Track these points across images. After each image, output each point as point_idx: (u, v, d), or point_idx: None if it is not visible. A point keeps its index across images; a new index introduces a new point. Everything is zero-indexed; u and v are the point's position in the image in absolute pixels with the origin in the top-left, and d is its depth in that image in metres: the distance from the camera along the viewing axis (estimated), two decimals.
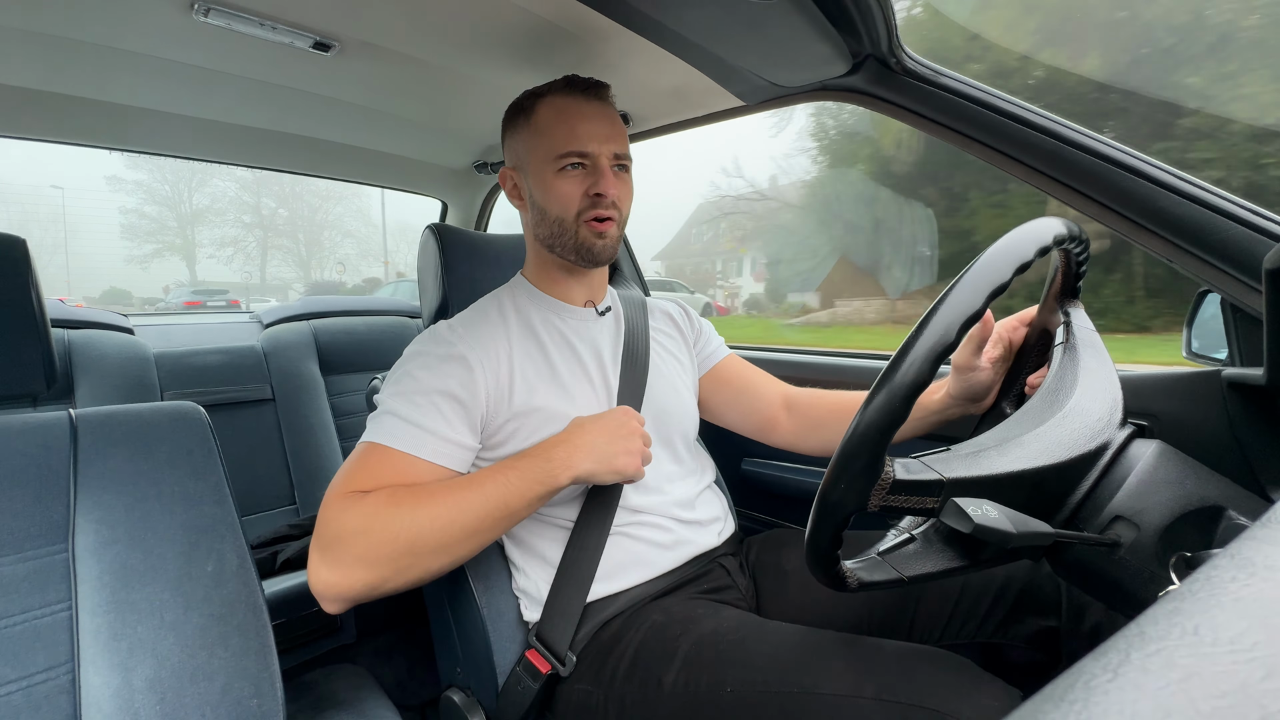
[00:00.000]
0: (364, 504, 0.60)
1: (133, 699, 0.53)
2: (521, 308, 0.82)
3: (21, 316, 0.61)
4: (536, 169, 0.78)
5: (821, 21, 0.73)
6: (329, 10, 0.81)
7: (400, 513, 0.60)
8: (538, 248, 0.83)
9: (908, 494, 0.45)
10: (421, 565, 0.60)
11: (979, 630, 0.71)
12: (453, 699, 0.79)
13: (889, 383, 0.44)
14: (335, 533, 0.59)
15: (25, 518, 0.55)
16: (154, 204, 33.25)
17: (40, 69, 0.94)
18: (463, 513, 0.61)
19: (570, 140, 0.75)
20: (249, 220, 35.30)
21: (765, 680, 0.58)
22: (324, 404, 1.57)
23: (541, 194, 0.78)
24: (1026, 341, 0.70)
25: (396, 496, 0.61)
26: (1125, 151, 0.69)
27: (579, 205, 0.76)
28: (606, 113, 0.79)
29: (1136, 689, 0.13)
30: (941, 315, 0.45)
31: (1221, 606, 0.16)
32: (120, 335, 1.40)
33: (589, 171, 0.76)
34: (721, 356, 0.97)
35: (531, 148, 0.78)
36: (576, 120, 0.76)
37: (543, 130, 0.77)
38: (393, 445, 0.65)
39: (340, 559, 0.58)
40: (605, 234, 0.77)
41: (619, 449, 0.68)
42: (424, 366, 0.70)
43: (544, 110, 0.78)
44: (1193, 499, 0.47)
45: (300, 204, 35.92)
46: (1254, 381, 0.65)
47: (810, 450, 0.90)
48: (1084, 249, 0.58)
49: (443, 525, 0.60)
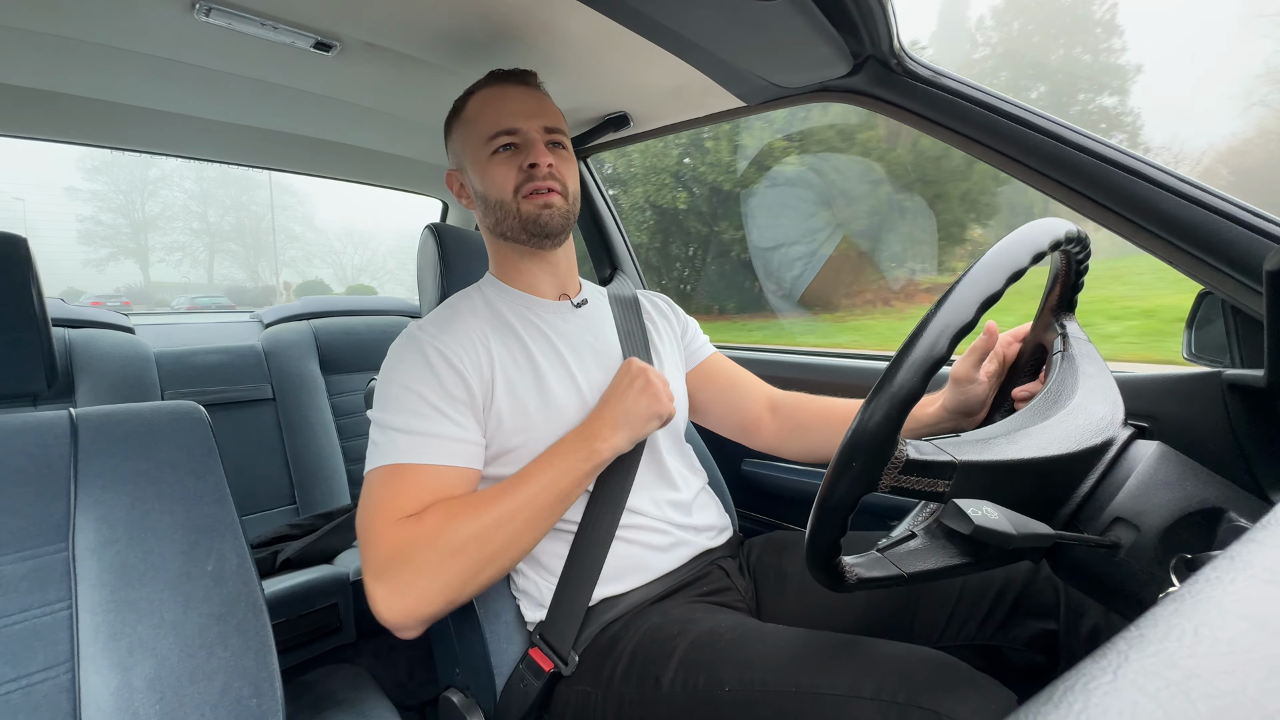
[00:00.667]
0: (423, 525, 0.61)
1: (132, 698, 0.53)
2: (492, 302, 0.81)
3: (22, 315, 0.61)
4: (473, 159, 0.80)
5: (822, 23, 0.73)
6: (330, 10, 0.81)
7: (463, 523, 0.61)
8: (493, 240, 0.85)
9: (919, 474, 0.45)
10: (494, 566, 0.63)
11: (978, 632, 0.71)
12: (452, 699, 0.79)
13: (909, 354, 0.44)
14: (401, 558, 0.60)
15: (25, 517, 0.55)
16: (109, 212, 37.34)
17: (41, 69, 0.94)
18: (521, 507, 0.64)
19: (497, 121, 0.77)
20: (197, 227, 39.87)
21: (763, 680, 0.58)
22: (324, 404, 1.57)
23: (480, 181, 0.79)
24: (1020, 358, 0.70)
25: (452, 509, 0.62)
26: (1125, 153, 0.69)
27: (515, 182, 0.77)
28: (533, 94, 0.81)
29: (1136, 690, 0.13)
30: (960, 294, 0.45)
31: (1221, 608, 0.16)
32: (121, 335, 1.41)
33: (520, 150, 0.78)
34: (707, 354, 0.97)
35: (465, 139, 0.81)
36: (501, 102, 0.78)
37: (472, 120, 0.80)
38: (417, 461, 0.65)
39: (413, 582, 0.59)
40: (549, 204, 0.77)
41: (642, 405, 0.72)
42: (414, 376, 0.69)
43: (473, 103, 0.81)
44: (1193, 501, 0.47)
45: (246, 213, 40.44)
46: (1254, 383, 0.65)
47: (792, 455, 0.89)
48: (1084, 251, 0.58)
49: (506, 522, 0.63)
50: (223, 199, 39.55)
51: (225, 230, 39.96)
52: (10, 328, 0.60)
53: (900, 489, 0.45)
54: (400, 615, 0.60)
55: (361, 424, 1.61)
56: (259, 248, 41.00)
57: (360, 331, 1.70)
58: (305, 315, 1.72)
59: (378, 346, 1.70)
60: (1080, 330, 0.61)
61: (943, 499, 0.46)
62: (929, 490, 0.46)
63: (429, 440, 0.66)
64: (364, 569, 0.61)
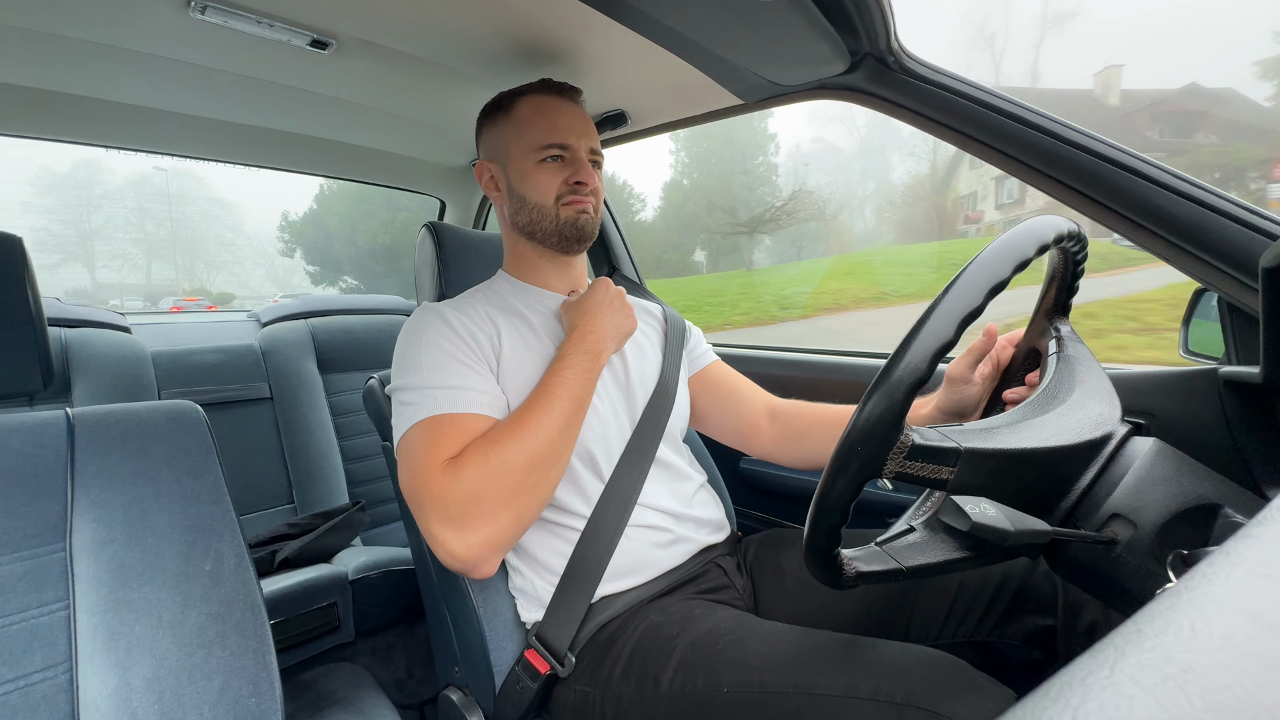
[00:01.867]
0: (469, 460, 0.63)
1: (130, 698, 0.53)
2: (504, 295, 0.85)
3: (18, 315, 0.61)
4: (517, 160, 0.82)
5: (820, 20, 0.73)
6: (326, 8, 0.81)
7: (505, 447, 0.64)
8: (516, 237, 0.87)
9: (924, 460, 0.45)
10: (546, 483, 0.66)
11: (976, 629, 0.71)
12: (451, 698, 0.79)
13: (913, 341, 0.44)
14: (462, 496, 0.62)
15: (22, 517, 0.55)
16: (59, 224, 46.21)
17: (36, 67, 0.94)
18: (552, 419, 0.67)
19: (551, 133, 0.80)
20: (136, 237, 49.02)
21: (761, 681, 0.58)
22: (322, 403, 1.57)
23: (520, 182, 0.82)
24: (1013, 362, 0.71)
25: (489, 438, 0.65)
26: (1122, 150, 0.69)
27: (558, 191, 0.81)
28: (581, 113, 0.85)
29: (1133, 685, 0.13)
30: (967, 279, 0.45)
31: (1218, 603, 0.16)
32: (117, 334, 1.40)
33: (567, 163, 0.81)
34: (709, 361, 0.98)
35: (511, 139, 0.82)
36: (556, 115, 0.82)
37: (523, 124, 0.82)
38: (451, 411, 0.67)
39: (480, 514, 0.62)
40: (586, 209, 0.82)
41: (620, 317, 0.80)
42: (438, 341, 0.73)
43: (524, 106, 0.83)
44: (1189, 497, 0.47)
45: (179, 224, 50.23)
46: (1250, 380, 0.65)
47: (789, 461, 0.90)
48: (1082, 249, 0.58)
49: (544, 436, 0.66)
50: (158, 213, 49.47)
51: (160, 239, 49.43)
52: (6, 327, 0.60)
53: (905, 475, 0.45)
54: (478, 551, 0.61)
55: (360, 422, 1.61)
56: (193, 253, 50.18)
57: (358, 330, 1.69)
58: (302, 314, 1.71)
59: (375, 345, 1.69)
60: (1075, 334, 0.62)
61: (946, 486, 0.47)
62: (933, 477, 0.46)
63: (465, 392, 0.69)
64: (427, 521, 0.62)
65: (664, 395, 0.85)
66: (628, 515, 0.76)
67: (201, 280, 49.09)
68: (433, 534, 0.62)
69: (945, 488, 0.47)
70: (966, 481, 0.47)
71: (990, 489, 0.48)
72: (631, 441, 0.80)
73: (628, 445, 0.79)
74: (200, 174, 52.86)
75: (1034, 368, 0.67)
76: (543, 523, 0.76)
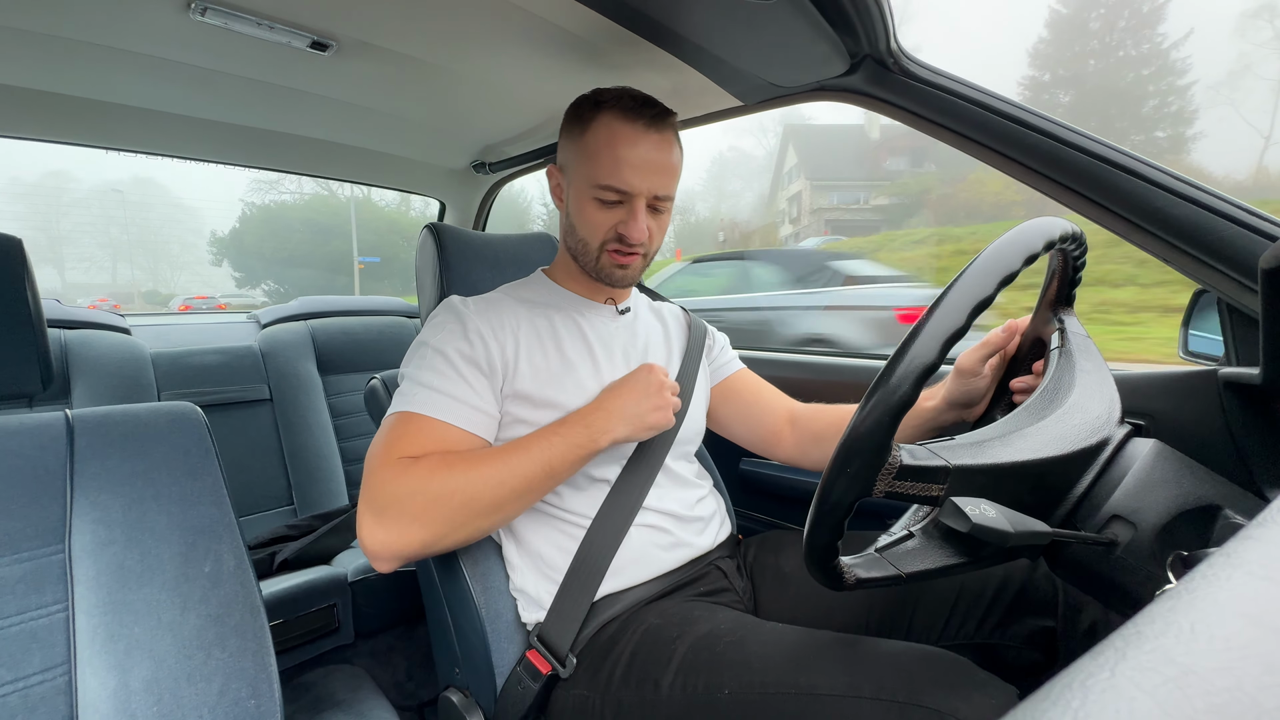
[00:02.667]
0: (418, 468, 0.64)
1: (130, 700, 0.53)
2: (538, 298, 0.83)
3: (17, 316, 0.61)
4: (576, 185, 0.77)
5: (819, 22, 0.73)
6: (327, 10, 0.81)
7: (454, 475, 0.64)
8: (565, 249, 0.85)
9: (913, 479, 0.45)
10: (473, 524, 0.65)
11: (977, 631, 0.71)
12: (451, 699, 0.79)
13: (899, 363, 0.44)
14: (391, 494, 0.63)
15: (21, 518, 0.55)
16: (30, 229, 49.75)
17: (36, 68, 0.94)
18: (512, 475, 0.65)
19: (614, 174, 0.72)
20: (102, 240, 52.46)
21: (763, 682, 0.58)
22: (322, 404, 1.57)
23: (575, 210, 0.78)
24: (1019, 351, 0.70)
25: (448, 460, 0.65)
26: (1121, 152, 0.69)
27: (604, 236, 0.77)
28: (661, 148, 0.74)
29: (1133, 687, 0.13)
30: (952, 299, 0.45)
31: (1218, 605, 0.16)
32: (117, 335, 1.40)
33: (622, 210, 0.75)
34: (734, 369, 0.98)
35: (577, 162, 0.77)
36: (627, 151, 0.72)
37: (590, 152, 0.74)
38: (428, 414, 0.68)
39: (397, 519, 0.62)
40: (627, 266, 0.79)
41: (649, 407, 0.73)
42: (446, 340, 0.73)
43: (598, 129, 0.74)
44: (1189, 498, 0.47)
45: (142, 229, 53.96)
46: (1250, 381, 0.65)
47: (811, 465, 0.89)
48: (1081, 249, 0.58)
49: (494, 486, 0.65)
50: (121, 219, 53.82)
51: (125, 243, 53.42)
52: (5, 328, 0.60)
53: (895, 494, 0.45)
54: (379, 547, 0.63)
55: (359, 424, 1.61)
56: (156, 255, 54.30)
57: (357, 332, 1.69)
58: (302, 316, 1.71)
59: (375, 347, 1.69)
60: (1079, 325, 0.62)
61: (938, 503, 0.46)
62: (923, 495, 0.46)
63: (445, 399, 0.69)
64: (360, 499, 0.65)
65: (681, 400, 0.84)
66: (632, 518, 0.75)
67: (166, 280, 53.17)
68: (359, 513, 0.64)
69: (937, 504, 0.47)
70: (958, 496, 0.47)
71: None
72: (640, 446, 0.79)
73: (636, 449, 0.79)
74: (162, 180, 57.04)
75: (1040, 355, 0.66)
76: (549, 519, 0.76)
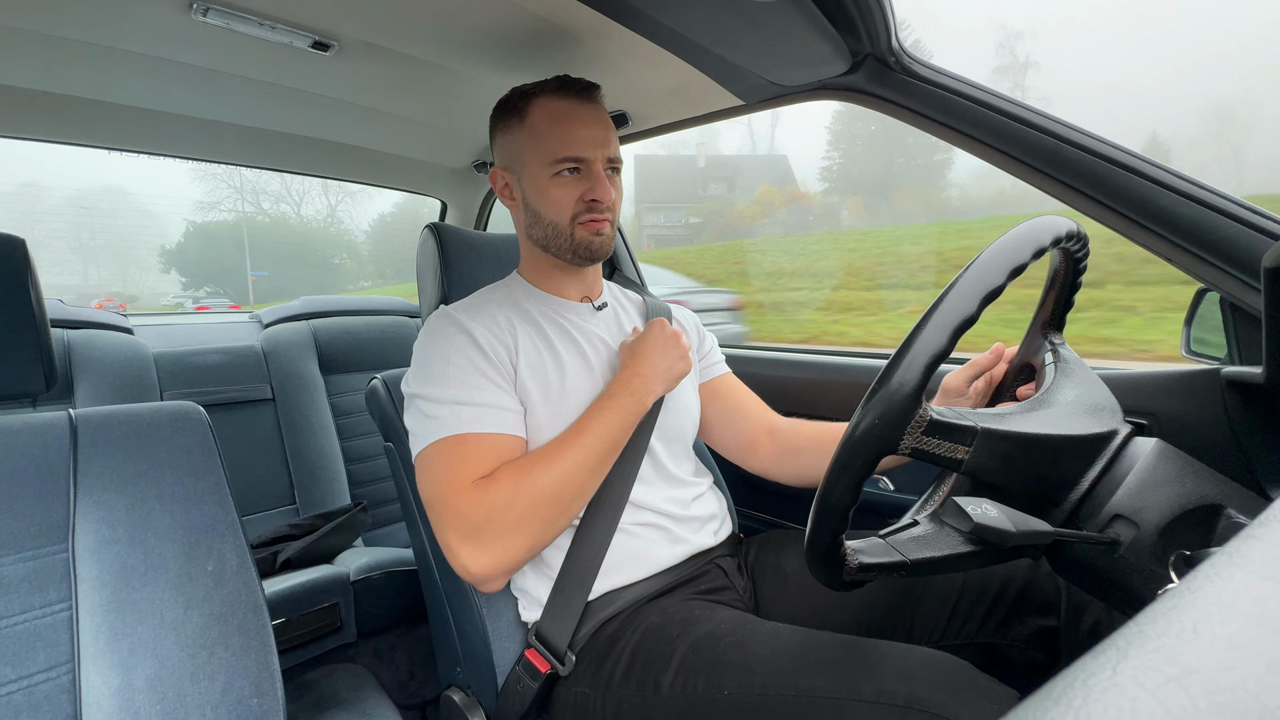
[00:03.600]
0: (498, 483, 0.65)
1: (133, 699, 0.53)
2: (520, 300, 0.83)
3: (21, 316, 0.61)
4: (531, 172, 0.78)
5: (821, 21, 0.73)
6: (328, 10, 0.81)
7: (534, 477, 0.66)
8: (531, 247, 0.84)
9: (942, 437, 0.46)
10: (566, 516, 0.68)
11: (979, 631, 0.71)
12: (453, 698, 0.79)
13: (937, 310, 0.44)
14: (484, 516, 0.64)
15: (25, 517, 0.55)
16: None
17: (38, 69, 0.94)
18: (587, 457, 0.69)
19: (566, 145, 0.76)
20: (74, 245, 55.94)
21: (763, 684, 0.58)
22: (324, 404, 1.57)
23: (536, 197, 0.79)
24: (1005, 378, 0.71)
25: (520, 466, 0.67)
26: (1123, 150, 0.69)
27: (573, 210, 0.77)
28: (600, 116, 0.79)
29: (1136, 686, 0.13)
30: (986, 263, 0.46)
31: (1221, 604, 0.16)
32: (120, 335, 1.40)
33: (583, 176, 0.77)
34: (720, 372, 0.98)
35: (525, 149, 0.78)
36: (572, 124, 0.76)
37: (538, 133, 0.77)
38: (478, 430, 0.68)
39: (499, 536, 0.64)
40: (601, 231, 0.79)
41: (674, 358, 0.79)
42: (459, 351, 0.72)
43: (537, 112, 0.77)
44: (1192, 497, 0.47)
45: (111, 235, 57.22)
46: (1253, 380, 0.65)
47: (783, 477, 0.90)
48: (1084, 249, 0.58)
49: (573, 474, 0.68)
50: (90, 225, 57.75)
51: (95, 247, 57.05)
52: (9, 328, 0.60)
53: (921, 450, 0.45)
54: (488, 568, 0.64)
55: (362, 423, 1.61)
56: (125, 259, 58.08)
57: (360, 331, 1.69)
58: (304, 315, 1.71)
59: (377, 347, 1.70)
60: (1070, 350, 0.62)
61: (960, 467, 0.47)
62: (949, 456, 0.46)
63: (491, 410, 0.70)
64: (445, 534, 0.65)
65: None
66: (619, 513, 0.75)
67: (134, 280, 56.65)
68: (450, 546, 0.64)
69: (960, 468, 0.47)
70: (981, 463, 0.47)
71: (1003, 473, 0.48)
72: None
73: None
74: (128, 189, 60.11)
75: (1027, 381, 0.67)
76: None
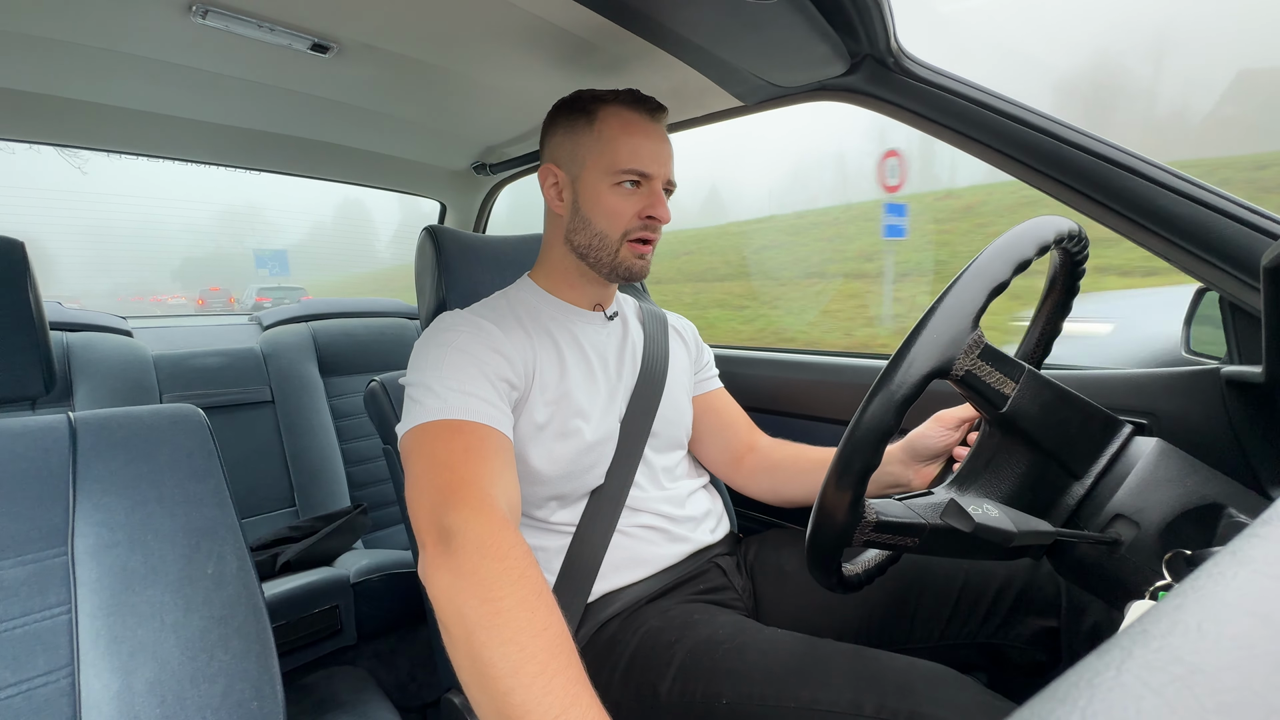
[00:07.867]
0: (502, 560, 0.50)
1: (133, 702, 0.53)
2: (531, 307, 0.81)
3: (20, 319, 0.61)
4: (590, 177, 0.76)
5: (820, 22, 0.73)
6: (327, 12, 0.81)
7: (489, 635, 0.46)
8: (566, 252, 0.81)
9: (994, 365, 0.49)
10: (472, 664, 0.47)
11: (979, 630, 0.71)
12: (453, 701, 0.79)
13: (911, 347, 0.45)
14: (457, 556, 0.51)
15: (24, 521, 0.55)
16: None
17: (37, 72, 0.94)
18: (511, 690, 0.44)
19: (634, 158, 0.74)
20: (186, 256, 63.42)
21: (762, 694, 0.57)
22: (324, 406, 1.57)
23: (590, 203, 0.76)
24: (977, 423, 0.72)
25: (529, 584, 0.49)
26: (1123, 150, 0.69)
27: (627, 224, 0.76)
28: (665, 137, 0.79)
29: (1141, 685, 0.13)
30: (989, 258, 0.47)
31: (1224, 604, 0.16)
32: (119, 338, 1.40)
33: (643, 192, 0.76)
34: (712, 388, 0.98)
35: (589, 153, 0.76)
36: (642, 138, 0.75)
37: (605, 139, 0.75)
38: (466, 418, 0.61)
39: (457, 577, 0.51)
40: (645, 255, 0.78)
41: None
42: (470, 346, 0.68)
43: (609, 119, 0.76)
44: (1193, 497, 0.47)
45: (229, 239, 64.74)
46: (1253, 379, 0.65)
47: (758, 493, 0.91)
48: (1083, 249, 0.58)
49: (496, 677, 0.44)
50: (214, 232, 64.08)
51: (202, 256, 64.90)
52: (8, 331, 0.60)
53: (973, 377, 0.48)
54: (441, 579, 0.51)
55: (361, 426, 1.61)
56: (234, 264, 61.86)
57: (359, 333, 1.69)
58: (304, 317, 1.71)
59: (377, 348, 1.70)
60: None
61: (1006, 403, 0.50)
62: (997, 388, 0.49)
63: (475, 400, 0.63)
64: (421, 532, 0.55)
65: (650, 391, 0.84)
66: (617, 515, 0.75)
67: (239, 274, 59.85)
68: (423, 543, 0.54)
69: (1005, 404, 0.49)
70: (1023, 406, 0.50)
71: (1040, 422, 0.51)
72: (617, 451, 0.79)
73: (614, 455, 0.78)
74: (259, 203, 64.33)
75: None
76: (535, 524, 0.76)
